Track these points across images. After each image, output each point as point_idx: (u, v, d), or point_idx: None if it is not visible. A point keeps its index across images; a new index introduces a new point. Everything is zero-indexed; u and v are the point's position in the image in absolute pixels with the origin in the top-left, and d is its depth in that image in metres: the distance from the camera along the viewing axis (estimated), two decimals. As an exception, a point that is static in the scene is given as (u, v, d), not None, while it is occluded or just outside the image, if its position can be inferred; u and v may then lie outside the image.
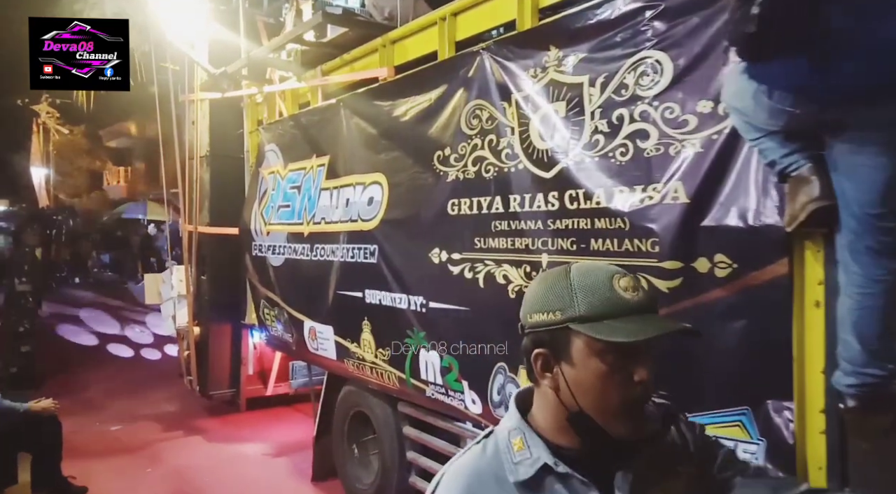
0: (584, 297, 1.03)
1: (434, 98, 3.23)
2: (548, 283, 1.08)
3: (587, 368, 1.03)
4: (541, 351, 1.07)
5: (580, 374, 1.03)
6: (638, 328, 1.00)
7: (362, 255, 3.77)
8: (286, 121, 4.84)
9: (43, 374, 7.40)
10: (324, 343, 4.23)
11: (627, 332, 0.99)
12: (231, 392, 6.05)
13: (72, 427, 5.07)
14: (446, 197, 3.12)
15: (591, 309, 1.02)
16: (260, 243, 5.05)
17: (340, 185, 4.06)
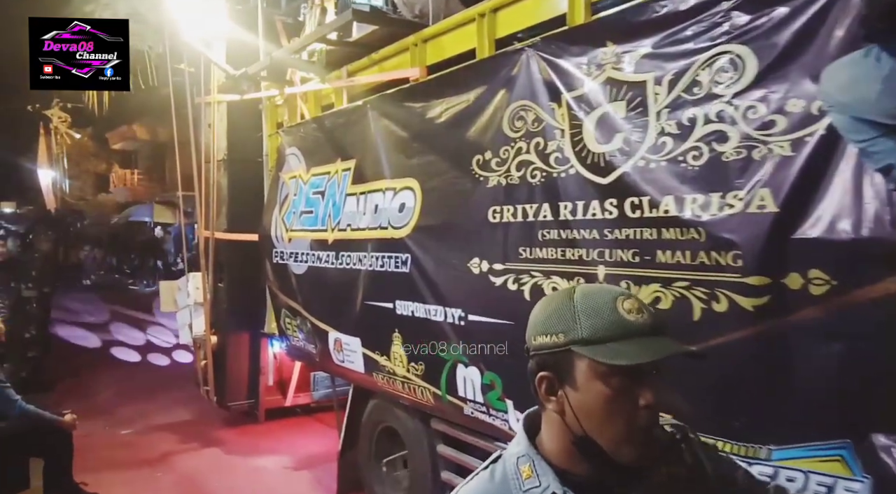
0: (586, 320, 1.02)
1: (472, 99, 3.06)
2: (552, 306, 1.08)
3: (591, 392, 1.02)
4: (545, 375, 1.06)
5: (584, 398, 1.02)
6: (641, 350, 0.98)
7: (393, 264, 3.59)
8: (308, 123, 4.67)
9: (53, 379, 7.39)
10: (350, 355, 4.05)
11: (630, 355, 0.98)
12: (249, 402, 5.88)
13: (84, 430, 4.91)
14: (487, 203, 2.94)
15: (594, 331, 1.01)
16: (281, 250, 4.89)
17: (368, 191, 3.88)
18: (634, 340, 1.00)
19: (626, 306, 1.02)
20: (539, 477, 1.06)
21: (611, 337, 1.00)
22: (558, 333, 1.04)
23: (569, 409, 1.04)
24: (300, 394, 5.96)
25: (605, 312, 1.02)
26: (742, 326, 1.86)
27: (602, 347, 0.99)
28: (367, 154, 3.91)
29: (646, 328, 1.01)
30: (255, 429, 5.89)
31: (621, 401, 1.00)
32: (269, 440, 5.64)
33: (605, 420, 1.01)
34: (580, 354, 1.01)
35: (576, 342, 1.01)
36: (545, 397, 1.08)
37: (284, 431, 5.83)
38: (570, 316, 1.03)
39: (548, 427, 1.11)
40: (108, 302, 14.60)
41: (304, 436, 5.70)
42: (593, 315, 1.02)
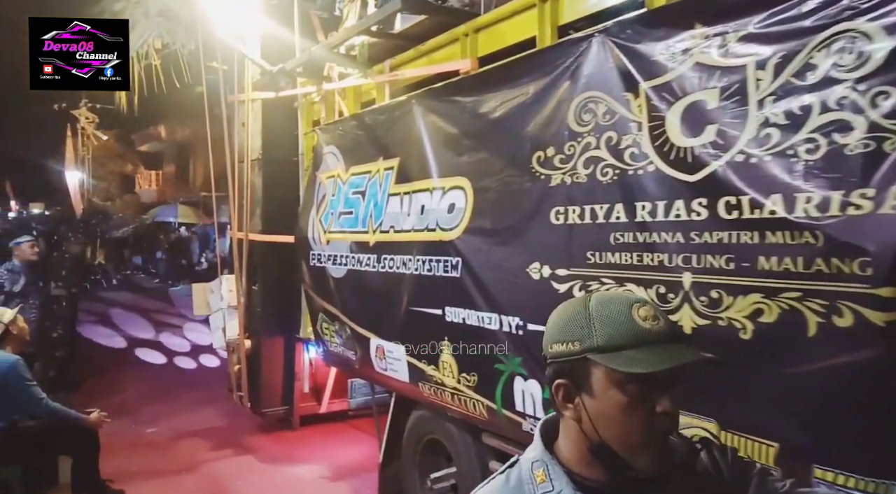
0: (602, 328, 1.03)
1: (532, 91, 2.84)
2: (567, 313, 1.09)
3: (608, 399, 1.02)
4: (562, 382, 1.07)
5: (601, 405, 1.03)
6: (657, 358, 0.99)
7: (441, 268, 3.38)
8: (347, 121, 4.49)
9: (80, 378, 7.42)
10: (394, 363, 3.86)
11: (646, 363, 0.98)
12: (284, 409, 5.72)
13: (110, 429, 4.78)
14: (549, 204, 2.72)
15: (610, 339, 1.02)
16: (318, 252, 4.71)
17: (413, 190, 3.68)
18: (650, 347, 1.00)
19: (641, 313, 1.03)
20: (552, 482, 1.07)
21: (626, 345, 1.00)
22: (574, 341, 1.05)
23: (585, 416, 1.05)
24: (335, 401, 5.78)
25: (621, 320, 1.02)
26: (870, 344, 1.62)
27: (618, 355, 1.00)
28: (412, 152, 3.71)
29: (662, 335, 1.02)
30: (289, 436, 5.73)
31: (638, 409, 1.01)
32: (305, 447, 5.48)
33: (621, 428, 1.02)
34: (596, 362, 1.02)
35: (591, 350, 1.02)
36: (562, 404, 1.09)
37: (320, 438, 5.66)
38: (586, 323, 1.04)
39: (565, 433, 1.12)
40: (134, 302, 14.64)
41: (341, 444, 5.52)
42: (608, 323, 1.03)
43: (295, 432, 5.73)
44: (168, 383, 8.01)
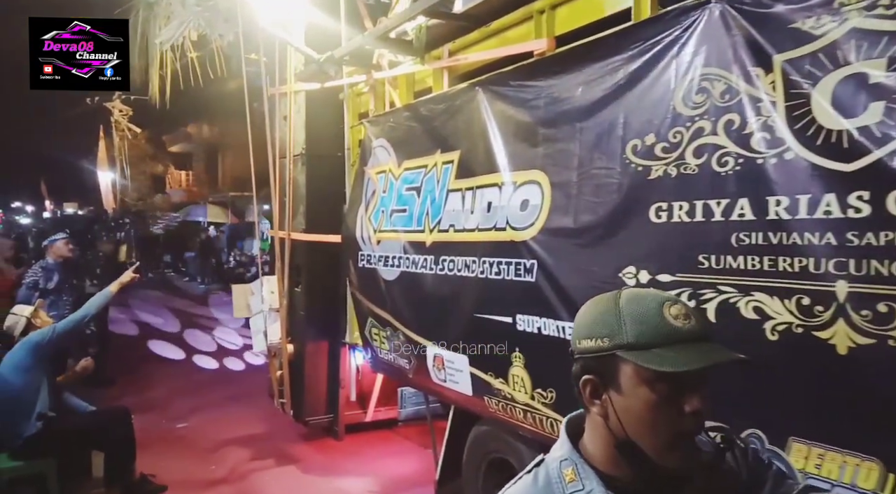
0: (632, 325, 1.02)
1: (626, 72, 2.49)
2: (597, 309, 1.08)
3: (636, 397, 1.01)
4: (589, 378, 1.06)
5: (629, 403, 1.02)
6: (688, 357, 0.98)
7: (513, 271, 3.06)
8: (399, 112, 4.18)
9: (113, 375, 7.56)
10: (454, 374, 3.54)
11: (676, 362, 0.97)
12: (328, 418, 5.44)
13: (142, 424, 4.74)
14: (648, 199, 2.38)
15: (640, 337, 1.00)
16: (368, 253, 4.42)
17: (477, 186, 3.36)
18: (681, 346, 0.99)
19: (672, 312, 1.02)
20: (582, 481, 1.06)
21: (657, 343, 0.99)
22: (603, 337, 1.03)
23: (612, 413, 1.04)
24: (381, 409, 5.49)
25: (652, 318, 1.01)
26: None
27: (648, 353, 0.99)
28: (476, 144, 3.39)
29: (693, 334, 1.01)
30: (334, 446, 5.44)
31: (666, 407, 1.00)
32: (351, 458, 5.19)
33: (649, 426, 1.01)
34: (625, 359, 1.01)
35: (621, 347, 1.01)
36: (589, 400, 1.07)
37: (367, 448, 5.37)
38: (616, 320, 1.03)
39: (591, 430, 1.10)
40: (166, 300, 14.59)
41: (390, 455, 5.22)
42: (639, 320, 1.02)
43: (340, 441, 5.44)
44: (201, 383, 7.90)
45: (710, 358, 0.99)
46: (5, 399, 4.07)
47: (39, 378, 4.09)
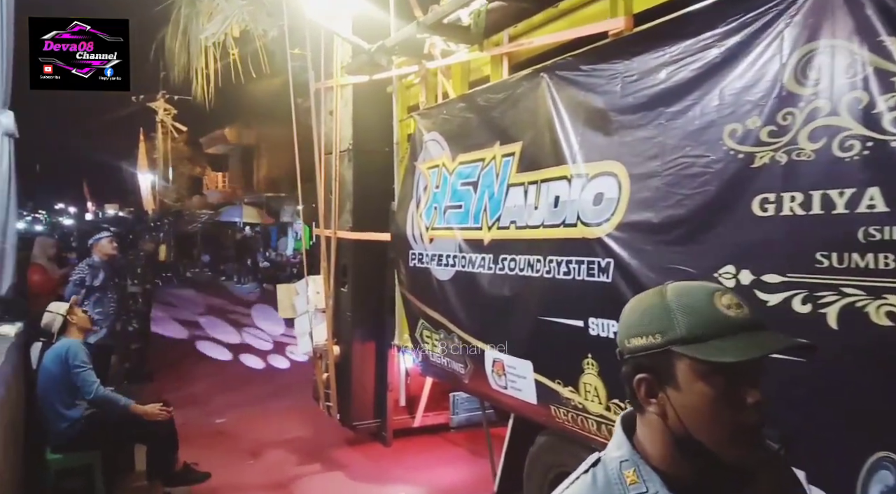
0: (684, 318, 0.98)
1: (724, 48, 2.24)
2: (644, 306, 1.05)
3: (694, 392, 0.97)
4: (644, 377, 1.02)
5: (687, 399, 0.98)
6: (747, 346, 0.94)
7: (584, 271, 2.82)
8: (453, 103, 3.97)
9: (154, 370, 7.66)
10: (516, 381, 3.32)
11: (736, 352, 0.93)
12: (376, 422, 5.25)
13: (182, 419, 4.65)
14: (751, 190, 2.12)
15: (694, 329, 0.97)
16: (420, 252, 4.22)
17: (542, 179, 3.14)
18: (737, 336, 0.95)
19: (724, 301, 0.98)
20: (645, 483, 1.02)
21: (711, 335, 0.96)
22: (654, 334, 1.00)
23: (671, 411, 1.00)
24: (429, 414, 5.29)
25: (704, 309, 0.98)
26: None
27: (704, 346, 0.95)
28: (541, 134, 3.16)
29: (746, 323, 0.97)
30: (381, 452, 5.25)
31: (727, 401, 0.96)
32: (400, 465, 4.99)
33: (710, 421, 0.97)
34: (680, 354, 0.97)
35: (674, 342, 0.98)
36: (645, 400, 1.03)
37: (416, 455, 5.16)
38: (666, 315, 1.00)
39: (647, 430, 1.06)
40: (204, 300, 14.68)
41: (441, 462, 5.01)
42: (691, 312, 0.98)
43: (388, 447, 5.25)
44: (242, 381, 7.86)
45: (769, 345, 0.96)
46: (46, 396, 4.12)
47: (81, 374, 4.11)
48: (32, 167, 41.01)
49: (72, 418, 4.10)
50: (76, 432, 4.08)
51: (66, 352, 4.11)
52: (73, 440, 4.09)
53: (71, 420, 4.09)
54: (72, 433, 4.08)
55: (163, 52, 8.29)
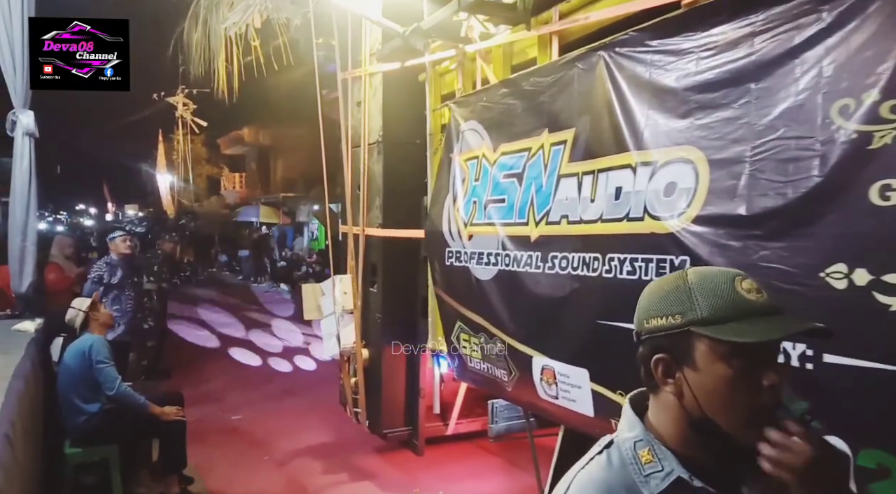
0: (705, 300, 1.00)
1: (834, 13, 1.93)
2: (664, 288, 1.07)
3: (713, 373, 0.99)
4: (662, 357, 1.04)
5: (705, 380, 1.00)
6: (766, 329, 0.97)
7: (653, 270, 2.52)
8: (495, 89, 3.68)
9: (170, 367, 7.75)
10: (570, 390, 3.03)
11: (756, 333, 0.96)
12: (407, 430, 4.98)
13: None
14: (869, 176, 1.82)
15: (714, 311, 0.99)
16: (457, 249, 3.94)
17: (600, 169, 2.84)
18: (756, 319, 0.98)
19: (745, 286, 1.00)
20: (661, 461, 1.03)
21: (731, 317, 0.98)
22: (675, 314, 1.02)
23: (688, 391, 1.02)
24: (463, 421, 5.01)
25: (724, 292, 1.00)
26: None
27: (725, 327, 0.97)
28: (599, 120, 2.87)
29: (766, 307, 1.00)
30: (413, 461, 4.97)
31: (744, 382, 0.98)
32: (434, 476, 4.71)
33: (727, 402, 0.99)
34: (700, 335, 0.99)
35: (695, 322, 1.00)
36: (662, 380, 1.05)
37: (451, 465, 4.88)
38: (687, 297, 1.02)
39: (661, 410, 1.07)
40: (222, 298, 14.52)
41: (478, 474, 4.73)
42: (712, 295, 1.00)
43: (420, 456, 4.97)
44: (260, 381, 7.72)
45: (788, 327, 1.00)
46: (66, 390, 4.14)
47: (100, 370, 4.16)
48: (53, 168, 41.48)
49: (89, 412, 4.13)
50: (93, 426, 4.11)
51: (90, 348, 4.13)
52: (89, 434, 4.12)
53: (88, 414, 4.13)
54: (88, 427, 4.11)
55: (181, 45, 8.06)
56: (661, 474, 1.02)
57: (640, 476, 1.03)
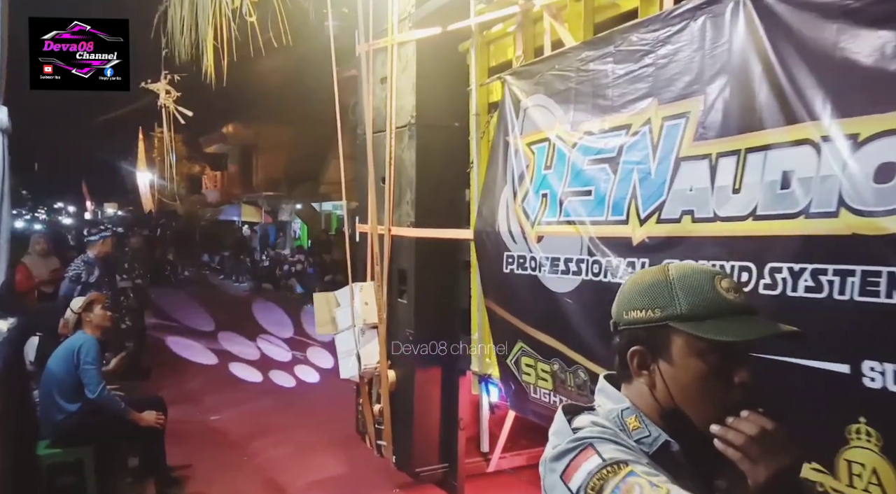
0: (685, 296, 1.04)
1: None
2: (646, 282, 1.10)
3: (687, 368, 1.04)
4: (638, 349, 1.09)
5: (679, 373, 1.04)
6: (745, 328, 1.01)
7: (856, 287, 1.82)
8: (574, 53, 2.93)
9: (148, 367, 7.56)
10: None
11: (734, 332, 1.00)
12: (443, 468, 4.20)
13: None
14: None
15: (694, 308, 1.03)
16: (520, 254, 3.20)
17: (750, 148, 2.12)
18: (733, 318, 1.02)
19: (724, 285, 1.04)
20: (648, 428, 1.07)
21: (710, 315, 1.02)
22: (654, 308, 1.05)
23: (660, 383, 1.06)
24: (506, 455, 4.26)
25: (705, 290, 1.03)
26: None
27: (703, 324, 1.01)
28: (743, 82, 2.15)
29: (743, 307, 1.04)
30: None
31: (717, 378, 1.02)
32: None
33: (699, 396, 1.03)
34: (678, 330, 1.03)
35: (674, 318, 1.03)
36: (636, 371, 1.09)
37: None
38: (668, 292, 1.05)
39: (633, 398, 1.11)
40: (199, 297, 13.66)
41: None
42: (692, 292, 1.04)
43: (455, 496, 4.20)
44: None
45: (765, 328, 1.03)
46: (48, 388, 4.08)
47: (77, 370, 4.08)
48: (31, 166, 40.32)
49: (68, 411, 4.06)
50: (71, 424, 4.04)
51: (79, 347, 4.09)
52: (66, 432, 4.04)
53: (67, 413, 4.05)
54: (67, 425, 4.04)
55: (165, 26, 7.22)
56: (650, 439, 1.06)
57: (629, 440, 1.05)
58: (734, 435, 0.97)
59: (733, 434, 0.97)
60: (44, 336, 4.91)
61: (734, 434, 0.97)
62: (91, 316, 4.29)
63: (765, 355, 2.03)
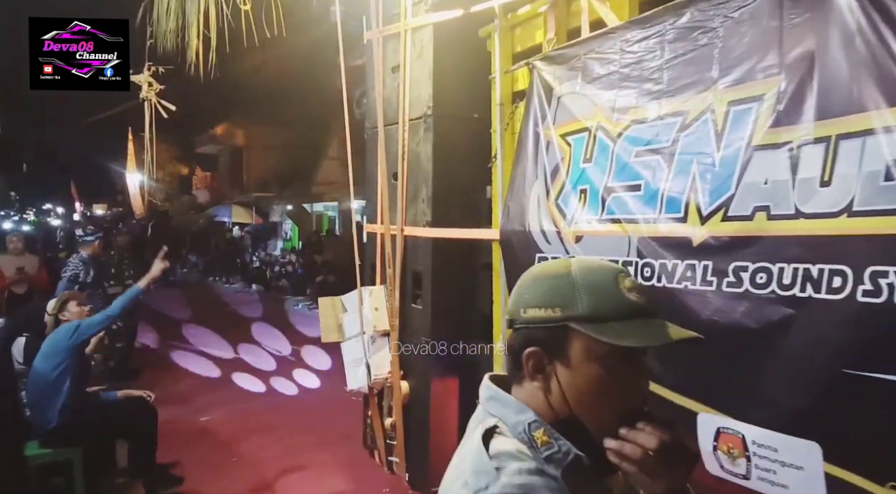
0: (588, 296, 0.98)
1: None
2: (547, 278, 1.03)
3: (585, 371, 0.98)
4: (534, 350, 1.01)
5: (576, 377, 0.99)
6: (648, 333, 0.97)
7: None
8: (618, 34, 2.65)
9: (138, 368, 7.47)
10: (775, 470, 2.03)
11: (637, 338, 0.95)
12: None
13: None
14: None
15: (595, 309, 0.97)
16: (554, 255, 2.91)
17: (842, 134, 1.84)
18: (635, 321, 0.97)
19: (626, 284, 0.99)
20: (557, 442, 0.98)
21: (612, 316, 0.96)
22: (555, 307, 0.99)
23: (556, 387, 1.00)
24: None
25: (608, 290, 0.98)
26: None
27: (604, 326, 0.95)
28: (833, 60, 1.87)
29: (645, 309, 0.99)
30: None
31: (615, 383, 0.97)
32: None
33: (596, 401, 0.98)
34: (578, 331, 0.97)
35: (574, 318, 0.97)
36: (531, 374, 1.02)
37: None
38: (570, 290, 0.99)
39: (528, 401, 1.03)
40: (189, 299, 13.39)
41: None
42: (595, 292, 0.98)
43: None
44: None
45: (668, 334, 0.97)
46: (36, 388, 4.02)
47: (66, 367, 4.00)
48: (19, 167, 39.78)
49: (57, 408, 3.97)
50: (60, 422, 3.96)
51: (78, 324, 4.05)
52: (55, 431, 3.96)
53: (56, 409, 3.97)
54: (56, 423, 3.96)
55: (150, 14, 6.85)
56: (559, 454, 0.97)
57: (539, 459, 0.96)
58: (631, 449, 0.93)
59: (630, 448, 0.93)
60: (30, 336, 4.78)
61: (631, 448, 0.93)
62: (67, 315, 4.21)
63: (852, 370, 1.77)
